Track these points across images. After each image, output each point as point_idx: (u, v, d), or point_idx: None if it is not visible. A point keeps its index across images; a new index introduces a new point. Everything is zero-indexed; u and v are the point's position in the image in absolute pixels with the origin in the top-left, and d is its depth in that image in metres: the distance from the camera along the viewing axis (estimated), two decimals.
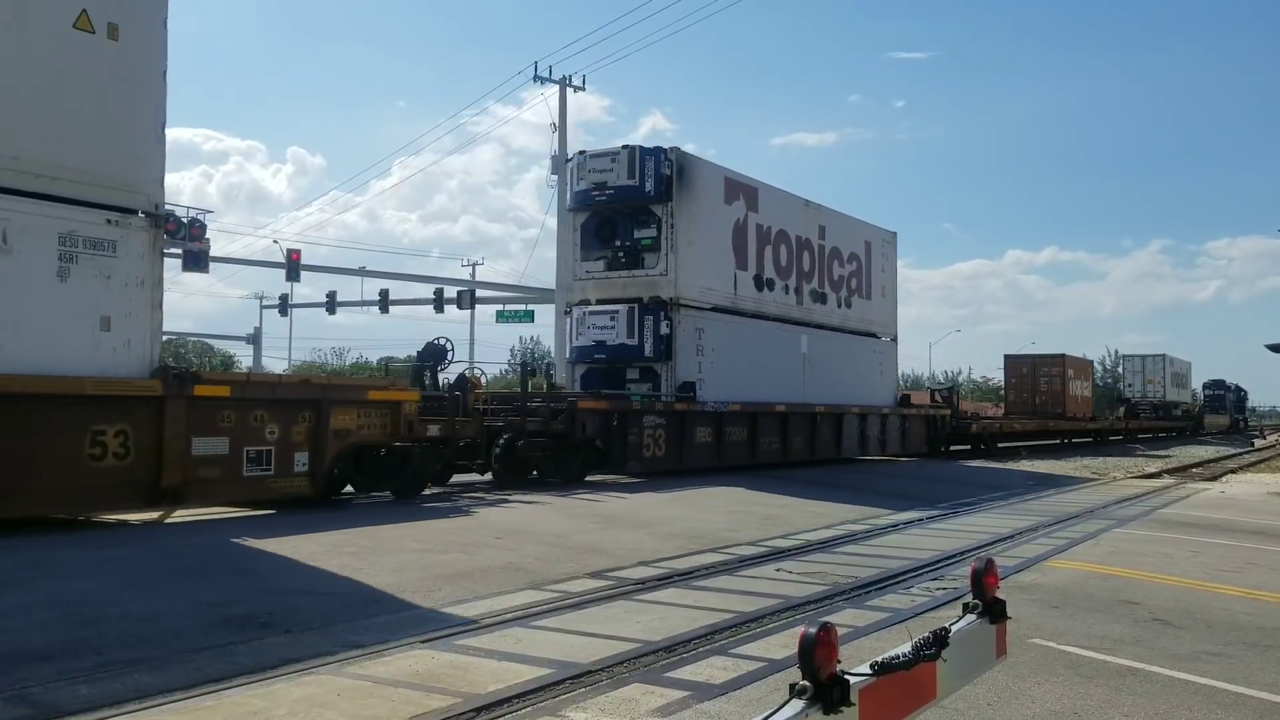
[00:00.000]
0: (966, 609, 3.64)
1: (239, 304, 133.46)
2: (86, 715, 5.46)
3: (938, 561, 11.35)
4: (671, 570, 10.38)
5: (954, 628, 3.35)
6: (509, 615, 8.02)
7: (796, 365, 26.59)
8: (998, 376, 69.06)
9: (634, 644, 7.11)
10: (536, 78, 38.64)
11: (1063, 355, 48.19)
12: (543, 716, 5.61)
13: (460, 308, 49.12)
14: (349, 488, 15.78)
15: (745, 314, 24.76)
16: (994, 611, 3.68)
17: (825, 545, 12.53)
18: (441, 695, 5.88)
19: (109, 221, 11.93)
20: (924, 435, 32.88)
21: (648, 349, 22.03)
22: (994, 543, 13.20)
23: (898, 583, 10.01)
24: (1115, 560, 11.90)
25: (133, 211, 12.23)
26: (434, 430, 16.72)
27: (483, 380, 21.11)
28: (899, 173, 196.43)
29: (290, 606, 8.11)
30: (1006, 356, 51.23)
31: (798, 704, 2.57)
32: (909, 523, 15.36)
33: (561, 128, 38.64)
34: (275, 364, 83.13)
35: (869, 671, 2.83)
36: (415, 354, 21.15)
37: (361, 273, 50.72)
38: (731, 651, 7.06)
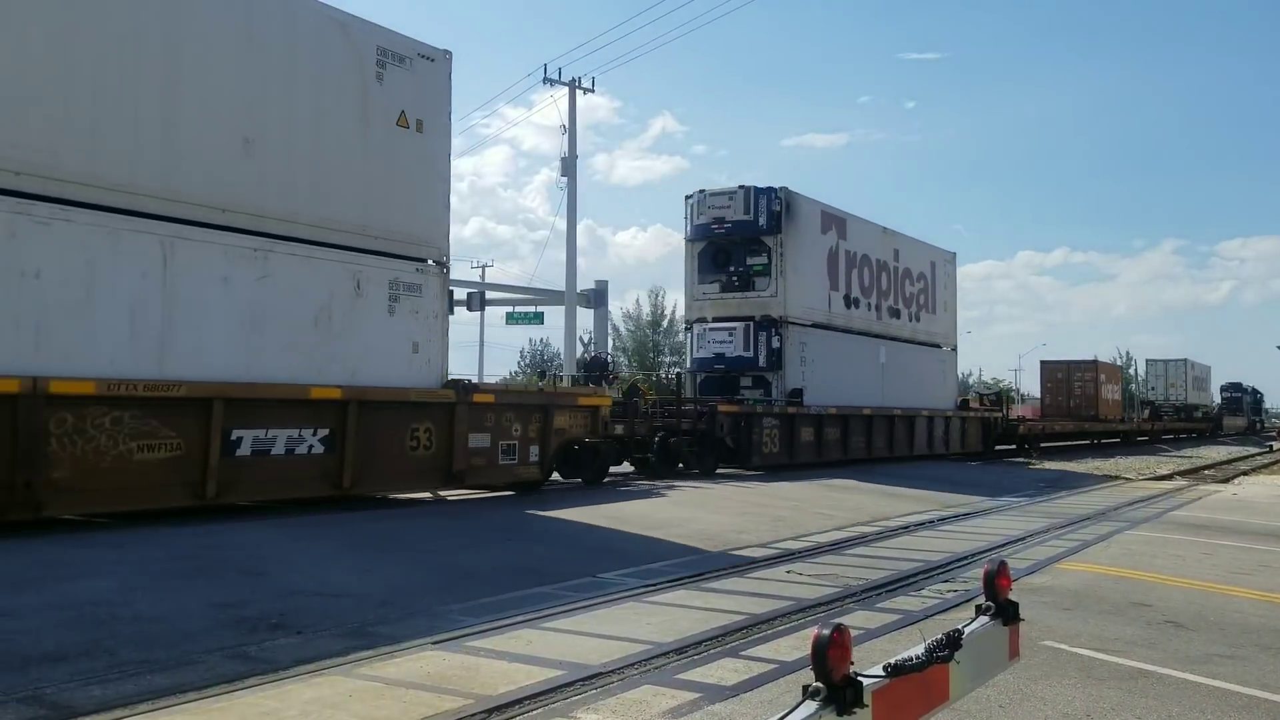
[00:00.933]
0: (979, 610, 3.63)
1: None
2: (99, 716, 5.49)
3: (949, 563, 11.33)
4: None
5: (967, 629, 3.34)
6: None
7: (876, 373, 29.95)
8: (1008, 379, 70.53)
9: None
10: (546, 79, 38.60)
11: (1095, 361, 51.32)
12: (555, 718, 5.62)
13: (470, 309, 49.07)
14: (555, 475, 18.80)
15: (837, 329, 28.20)
16: (1007, 613, 3.66)
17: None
18: (453, 696, 5.89)
19: (417, 270, 15.60)
20: (979, 435, 36.09)
21: (761, 360, 25.60)
22: (1005, 544, 13.17)
23: (909, 584, 10.00)
24: (1127, 562, 11.86)
25: (430, 261, 15.81)
26: (619, 429, 20.24)
27: (649, 389, 25.24)
28: (910, 174, 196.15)
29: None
30: (1043, 362, 53.58)
31: (811, 705, 2.57)
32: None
33: (571, 129, 38.65)
34: None
35: (882, 673, 2.82)
36: (580, 365, 24.62)
37: None
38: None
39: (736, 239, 26.15)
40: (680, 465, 22.26)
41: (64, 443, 11.11)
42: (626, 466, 21.35)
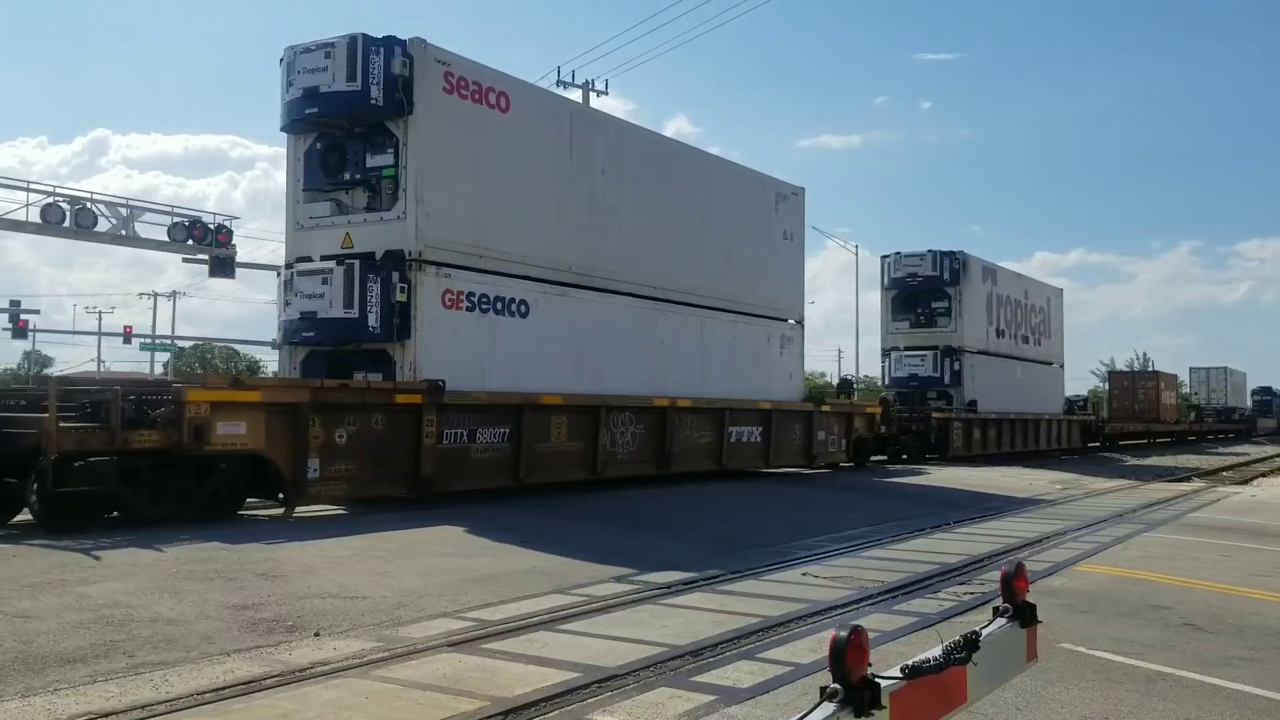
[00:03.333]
0: (997, 613, 3.62)
1: (266, 309, 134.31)
2: (117, 718, 5.51)
3: (965, 565, 11.29)
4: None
5: (984, 631, 3.33)
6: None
7: (1016, 386, 38.85)
8: None
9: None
10: (559, 83, 38.60)
11: (1157, 372, 60.67)
12: None
13: None
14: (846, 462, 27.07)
15: (992, 354, 37.06)
16: (1024, 615, 3.65)
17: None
18: (470, 698, 5.90)
19: (790, 325, 25.28)
20: (1079, 434, 45.13)
21: (946, 378, 34.70)
22: (1022, 547, 13.12)
23: (925, 586, 9.97)
24: (1145, 564, 11.80)
25: (794, 321, 25.53)
26: (882, 429, 28.95)
27: (894, 402, 32.75)
28: (926, 175, 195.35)
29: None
30: (1111, 373, 65.79)
31: (828, 707, 2.57)
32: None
33: None
34: None
35: (900, 675, 2.82)
36: (835, 384, 35.62)
37: None
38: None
39: (925, 289, 35.30)
40: (905, 456, 30.89)
41: (679, 433, 20.50)
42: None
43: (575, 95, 38.85)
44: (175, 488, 12.56)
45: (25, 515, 12.02)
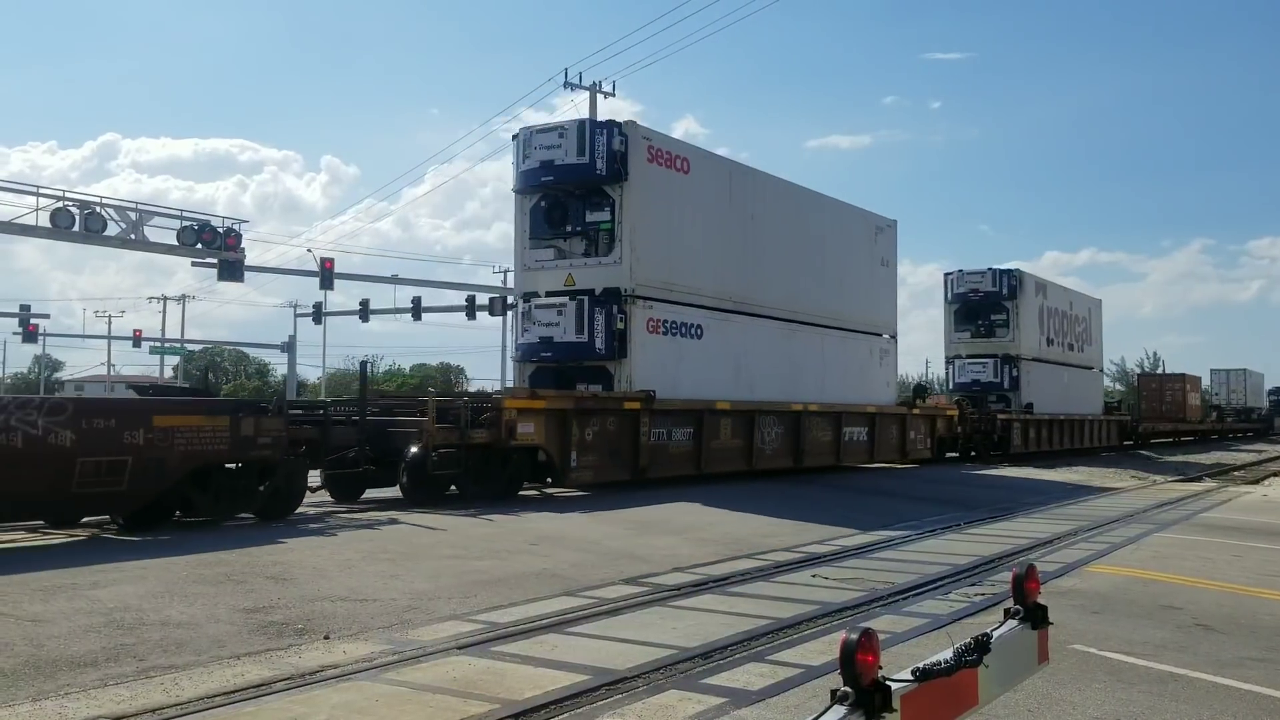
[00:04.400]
0: (1008, 614, 3.61)
1: (274, 312, 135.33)
2: None
3: (975, 567, 11.26)
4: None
5: (995, 633, 3.32)
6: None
7: (1064, 390, 42.43)
8: None
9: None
10: (567, 84, 38.57)
11: (1183, 375, 63.60)
12: None
13: (493, 314, 49.05)
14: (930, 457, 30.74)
15: (1043, 361, 40.65)
16: (1036, 617, 3.64)
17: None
18: (479, 701, 5.90)
19: (886, 340, 29.27)
20: (1117, 432, 48.85)
21: (1005, 384, 38.43)
22: (1032, 548, 13.08)
23: (935, 587, 9.95)
24: (1156, 565, 11.76)
25: (889, 336, 29.55)
26: (958, 429, 32.93)
27: (966, 404, 35.53)
28: (935, 174, 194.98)
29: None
30: (1140, 375, 71.22)
31: (840, 710, 2.56)
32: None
33: None
34: (310, 371, 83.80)
35: (910, 677, 2.81)
36: (911, 390, 35.81)
37: (394, 280, 50.76)
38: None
39: (985, 303, 39.22)
40: (973, 453, 34.45)
41: (809, 433, 24.39)
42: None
43: (583, 97, 38.98)
44: (490, 472, 16.93)
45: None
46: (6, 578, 9.07)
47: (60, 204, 31.28)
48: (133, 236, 33.10)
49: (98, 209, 32.14)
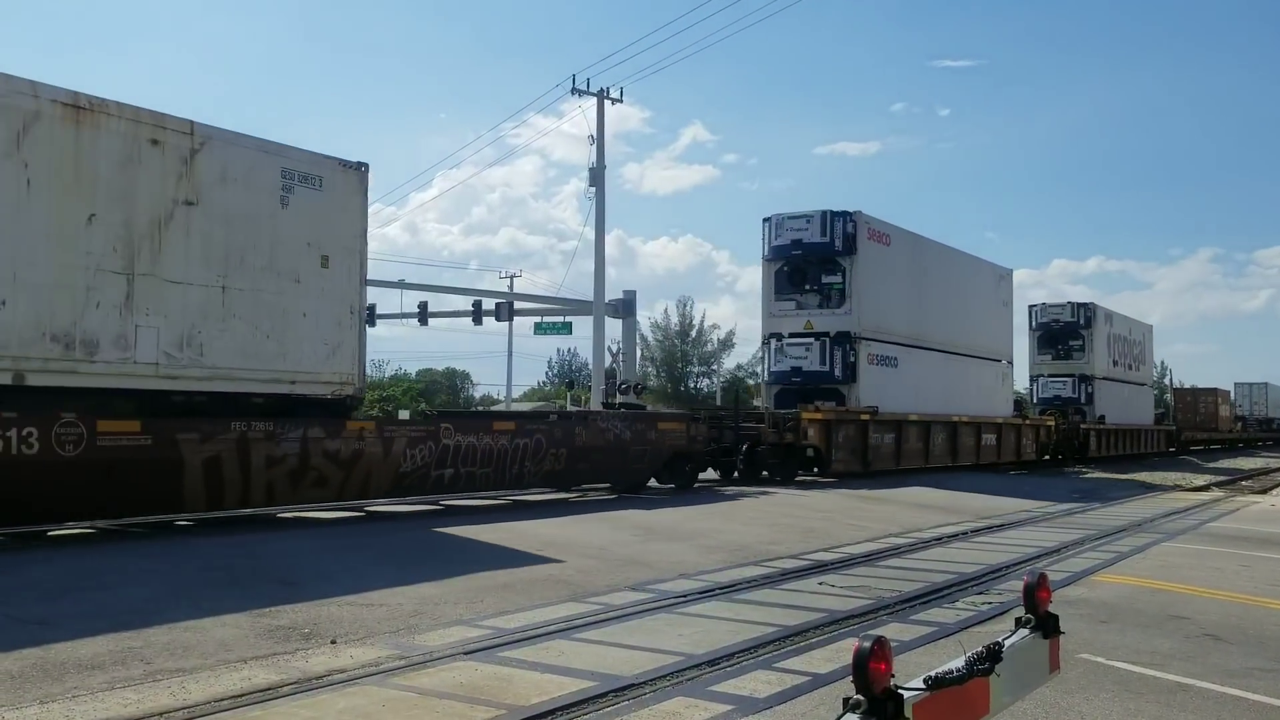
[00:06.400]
0: (1019, 623, 3.60)
1: None
2: None
3: (982, 575, 11.23)
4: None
5: (1007, 642, 3.31)
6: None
7: (1124, 403, 49.17)
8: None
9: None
10: (574, 90, 38.62)
11: (1215, 389, 70.03)
12: None
13: (499, 320, 49.09)
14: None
15: (1111, 379, 47.31)
16: (1046, 626, 3.63)
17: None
18: (486, 707, 5.90)
19: (1004, 364, 37.55)
20: (1166, 440, 56.09)
21: (1082, 399, 44.82)
22: (1039, 556, 13.04)
23: (942, 596, 9.93)
24: (1164, 574, 11.72)
25: (1006, 361, 37.68)
26: (1055, 437, 39.52)
27: (1061, 418, 42.10)
28: (943, 181, 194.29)
29: None
30: (1175, 389, 78.52)
31: (853, 718, 2.55)
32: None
33: (599, 140, 38.73)
34: None
35: (923, 686, 2.80)
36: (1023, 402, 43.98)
37: (400, 285, 50.87)
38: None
39: (1065, 330, 45.84)
40: (1060, 456, 40.56)
41: (961, 439, 31.83)
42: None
43: (590, 103, 39.08)
44: (788, 462, 24.88)
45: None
46: (16, 579, 9.10)
47: None
48: None
49: None
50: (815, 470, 26.10)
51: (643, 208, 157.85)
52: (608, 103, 39.06)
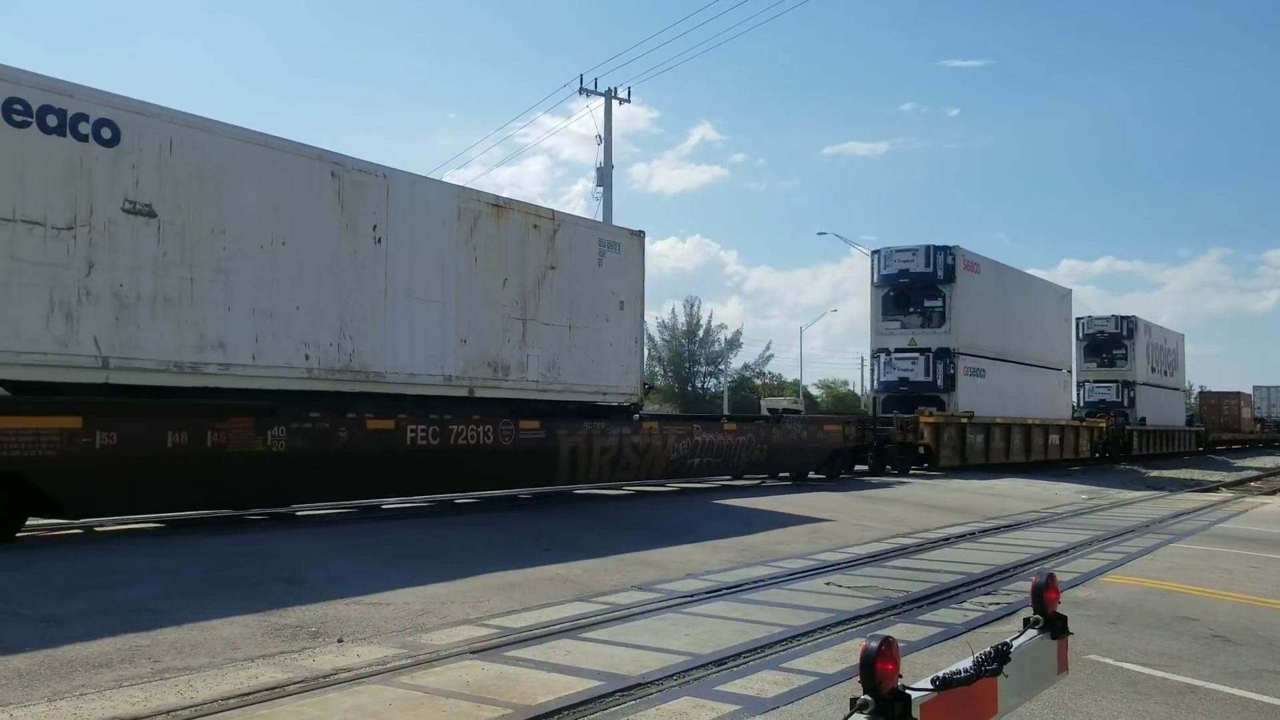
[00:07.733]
0: (1027, 624, 3.59)
1: None
2: None
3: (989, 576, 11.21)
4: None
5: (1015, 643, 3.30)
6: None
7: (1160, 406, 52.61)
8: None
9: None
10: (582, 90, 38.65)
11: (1239, 392, 73.54)
12: None
13: None
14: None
15: (1150, 385, 51.18)
16: (1055, 627, 3.62)
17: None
18: (492, 706, 5.90)
19: (1064, 373, 43.24)
20: (1196, 440, 59.56)
21: (1125, 402, 48.59)
22: (1047, 557, 13.00)
23: (950, 596, 9.91)
24: (1173, 576, 11.68)
25: (1065, 370, 43.36)
26: (1105, 437, 43.26)
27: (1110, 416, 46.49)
28: (952, 182, 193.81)
29: None
30: (1201, 393, 79.40)
31: (860, 718, 2.54)
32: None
33: (607, 140, 38.72)
34: None
35: (930, 686, 2.79)
36: (1083, 407, 48.34)
37: None
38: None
39: (1110, 340, 49.72)
40: (1107, 454, 43.51)
41: (1034, 439, 36.81)
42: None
43: (598, 103, 39.09)
44: (907, 458, 29.37)
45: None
46: (27, 576, 9.12)
47: None
48: None
49: None
50: (925, 465, 30.40)
51: (651, 207, 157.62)
52: (616, 102, 39.11)
